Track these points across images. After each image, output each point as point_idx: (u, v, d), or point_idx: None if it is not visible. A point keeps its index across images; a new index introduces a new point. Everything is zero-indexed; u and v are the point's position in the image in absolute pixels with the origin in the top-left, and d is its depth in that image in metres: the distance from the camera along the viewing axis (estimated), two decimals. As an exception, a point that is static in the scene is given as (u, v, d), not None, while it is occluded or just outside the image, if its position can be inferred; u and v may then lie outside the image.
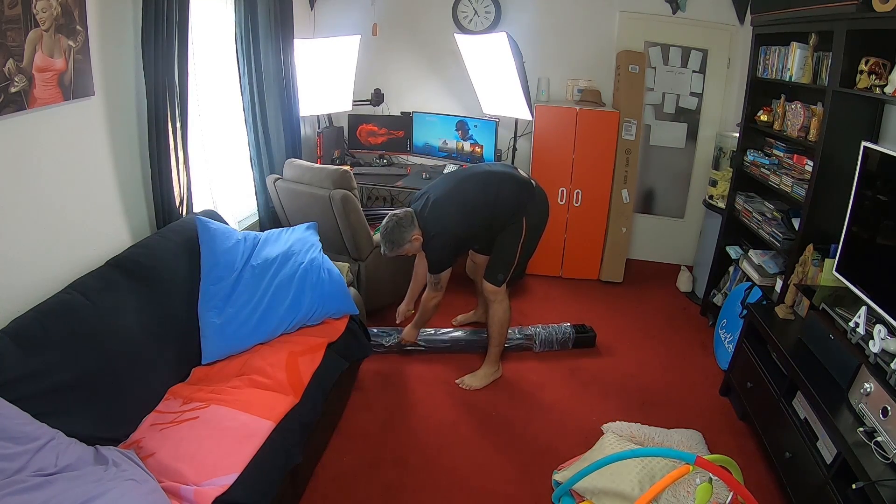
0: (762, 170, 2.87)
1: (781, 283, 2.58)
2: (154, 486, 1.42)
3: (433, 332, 2.95)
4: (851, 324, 1.91)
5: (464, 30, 3.89)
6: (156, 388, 1.84)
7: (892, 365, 1.68)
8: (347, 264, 2.71)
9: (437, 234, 2.44)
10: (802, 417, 1.98)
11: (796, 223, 2.56)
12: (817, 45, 2.42)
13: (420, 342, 2.86)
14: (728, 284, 3.26)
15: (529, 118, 3.60)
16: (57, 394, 1.49)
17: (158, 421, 1.71)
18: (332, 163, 3.86)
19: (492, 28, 3.83)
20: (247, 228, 3.11)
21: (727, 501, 1.56)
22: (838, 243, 2.13)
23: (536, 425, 2.39)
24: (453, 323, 3.11)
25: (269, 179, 3.05)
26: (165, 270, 2.01)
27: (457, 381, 2.68)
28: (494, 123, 3.74)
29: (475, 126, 3.83)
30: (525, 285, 3.77)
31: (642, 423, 2.32)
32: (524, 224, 2.51)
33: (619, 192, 3.72)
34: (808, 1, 2.37)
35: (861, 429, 1.64)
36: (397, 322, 2.92)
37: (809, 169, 2.45)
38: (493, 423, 2.42)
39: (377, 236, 3.03)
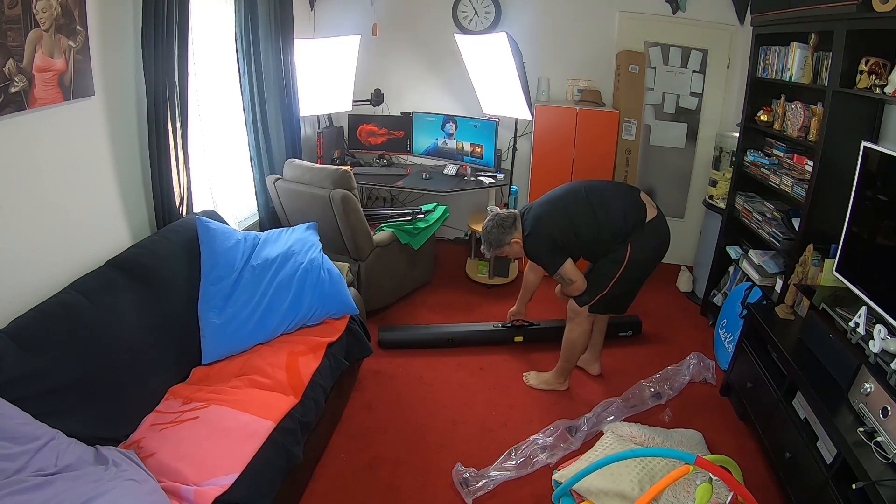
0: (762, 170, 2.87)
1: (781, 283, 2.58)
2: (154, 486, 1.42)
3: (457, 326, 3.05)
4: (851, 324, 1.91)
5: (464, 30, 3.89)
6: (156, 388, 1.84)
7: (892, 365, 1.68)
8: (347, 264, 2.70)
9: (531, 235, 2.41)
10: (802, 417, 1.98)
11: (796, 223, 2.56)
12: (817, 45, 2.42)
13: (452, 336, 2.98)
14: (728, 284, 3.26)
15: (529, 118, 3.61)
16: (57, 394, 1.50)
17: (158, 421, 1.71)
18: (332, 163, 3.86)
19: (492, 28, 3.83)
20: (247, 228, 3.11)
21: (727, 501, 1.56)
22: (838, 243, 2.13)
23: (536, 425, 2.39)
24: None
25: (269, 179, 3.05)
26: (165, 270, 2.01)
27: (524, 373, 2.75)
28: (494, 123, 3.74)
29: (475, 126, 3.83)
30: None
31: (642, 423, 2.32)
32: (627, 253, 2.34)
33: (619, 192, 3.72)
34: (808, 1, 2.37)
35: (861, 429, 1.64)
36: (508, 321, 2.99)
37: (809, 169, 2.45)
38: (493, 423, 2.42)
39: (377, 236, 3.02)
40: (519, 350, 2.99)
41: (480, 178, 3.79)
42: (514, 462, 2.15)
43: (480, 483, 2.05)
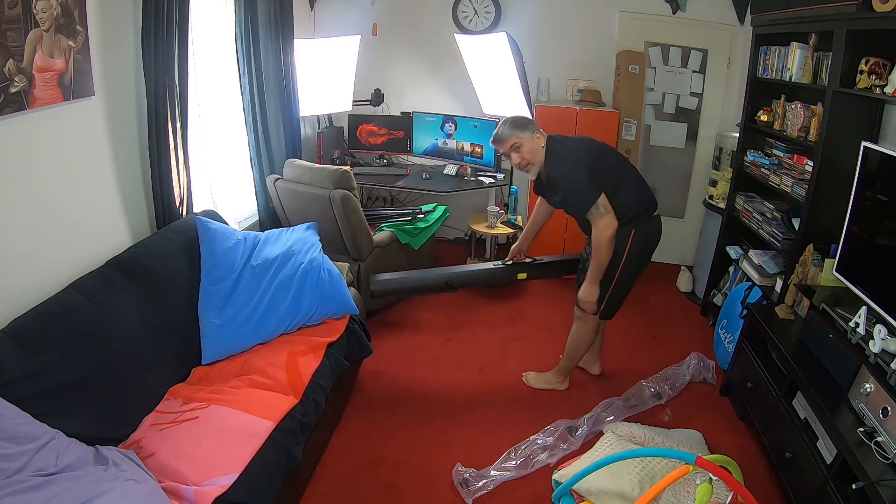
0: (762, 170, 2.87)
1: (781, 283, 2.58)
2: (154, 486, 1.42)
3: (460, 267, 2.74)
4: (851, 324, 1.91)
5: (464, 30, 3.89)
6: (156, 389, 1.84)
7: (892, 365, 1.68)
8: (347, 264, 2.70)
9: (565, 160, 2.16)
10: (802, 417, 1.98)
11: (796, 223, 2.56)
12: (817, 45, 2.42)
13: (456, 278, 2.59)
14: (728, 284, 3.26)
15: (529, 118, 3.60)
16: (57, 394, 1.50)
17: (158, 421, 1.71)
18: (333, 163, 3.86)
19: (492, 28, 3.83)
20: (247, 228, 3.11)
21: (727, 501, 1.56)
22: (838, 243, 2.13)
23: (536, 425, 2.39)
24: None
25: (270, 179, 3.05)
26: (165, 270, 2.01)
27: (524, 373, 2.72)
28: (494, 123, 3.74)
29: (475, 126, 3.83)
30: (525, 285, 3.77)
31: (642, 423, 2.32)
32: (628, 244, 2.23)
33: (619, 192, 3.72)
34: (808, 1, 2.37)
35: (861, 429, 1.64)
36: (508, 258, 2.70)
37: (809, 169, 2.45)
38: (493, 424, 2.42)
39: (377, 236, 2.96)
40: (519, 349, 2.99)
41: (480, 178, 3.79)
42: (514, 462, 2.15)
43: (480, 483, 2.05)
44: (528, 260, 2.72)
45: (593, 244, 2.23)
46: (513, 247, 2.71)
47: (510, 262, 2.69)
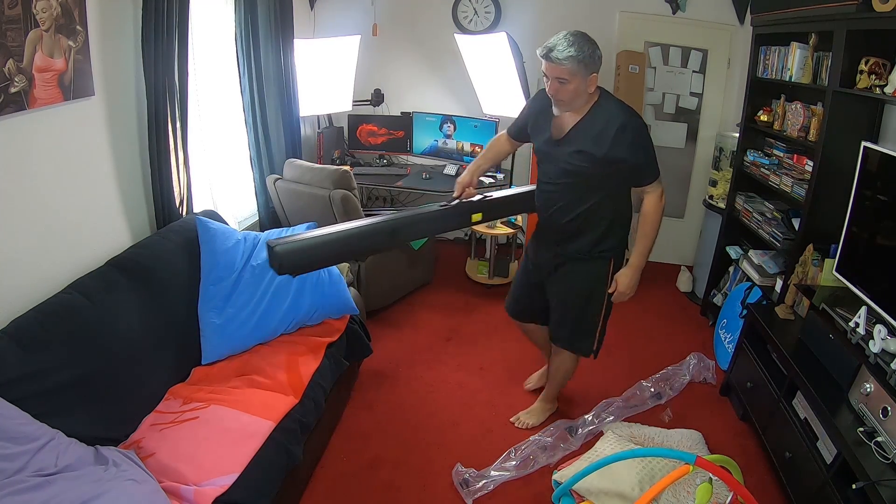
0: (762, 170, 2.87)
1: (781, 283, 2.58)
2: (154, 486, 1.42)
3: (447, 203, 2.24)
4: (851, 324, 1.91)
5: (464, 30, 3.89)
6: (156, 389, 1.84)
7: (892, 365, 1.68)
8: (347, 264, 2.70)
9: (639, 118, 1.89)
10: (802, 417, 1.98)
11: (796, 223, 2.56)
12: (817, 45, 2.42)
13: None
14: (728, 284, 3.26)
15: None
16: (57, 394, 1.50)
17: (158, 421, 1.71)
18: (332, 163, 3.86)
19: (492, 28, 3.83)
20: (247, 228, 3.11)
21: (727, 501, 1.56)
22: (838, 243, 2.13)
23: (536, 427, 2.39)
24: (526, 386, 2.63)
25: (269, 179, 3.05)
26: (165, 270, 2.02)
27: (511, 419, 2.43)
28: (494, 123, 3.74)
29: (475, 126, 3.83)
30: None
31: (642, 423, 2.32)
32: (610, 268, 2.03)
33: (619, 192, 3.72)
34: (808, 1, 2.37)
35: (861, 429, 1.64)
36: (455, 195, 2.23)
37: (809, 169, 2.45)
38: (493, 423, 2.42)
39: None
40: (518, 349, 2.98)
41: (480, 178, 3.78)
42: (514, 462, 2.15)
43: (480, 483, 2.05)
44: (477, 197, 2.25)
45: (645, 219, 1.96)
46: (459, 179, 2.24)
47: (456, 202, 2.20)
